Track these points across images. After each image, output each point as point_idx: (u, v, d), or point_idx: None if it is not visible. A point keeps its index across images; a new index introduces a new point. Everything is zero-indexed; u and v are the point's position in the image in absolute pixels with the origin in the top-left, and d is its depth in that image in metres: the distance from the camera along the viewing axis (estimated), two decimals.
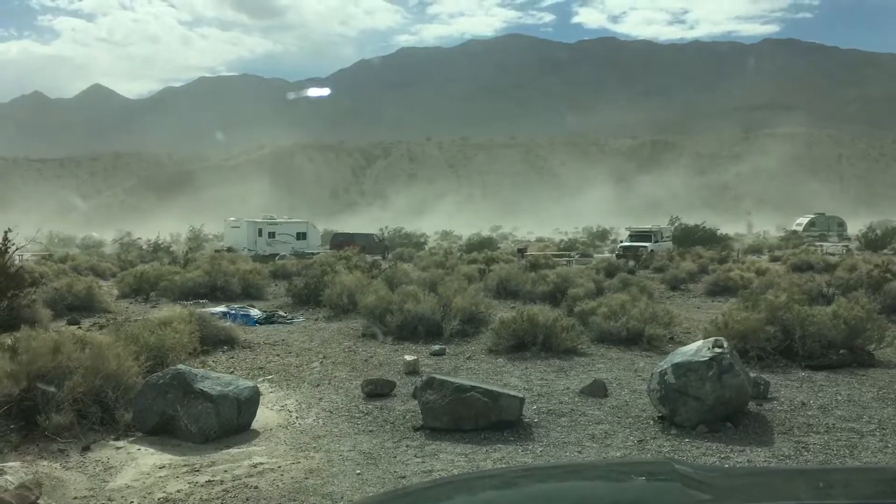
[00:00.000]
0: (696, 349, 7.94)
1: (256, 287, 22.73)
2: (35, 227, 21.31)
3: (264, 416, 8.23)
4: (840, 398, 8.82)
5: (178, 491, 6.01)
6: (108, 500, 5.89)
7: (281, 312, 17.89)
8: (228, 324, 13.87)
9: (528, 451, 6.95)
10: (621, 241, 47.47)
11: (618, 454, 6.84)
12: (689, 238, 48.39)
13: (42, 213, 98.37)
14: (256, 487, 6.06)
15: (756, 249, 52.50)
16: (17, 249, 14.06)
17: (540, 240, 70.17)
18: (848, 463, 6.51)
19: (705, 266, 29.62)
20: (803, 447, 6.92)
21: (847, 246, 52.78)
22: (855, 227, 66.00)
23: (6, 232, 13.74)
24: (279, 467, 6.51)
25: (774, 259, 38.74)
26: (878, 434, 7.36)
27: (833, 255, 39.03)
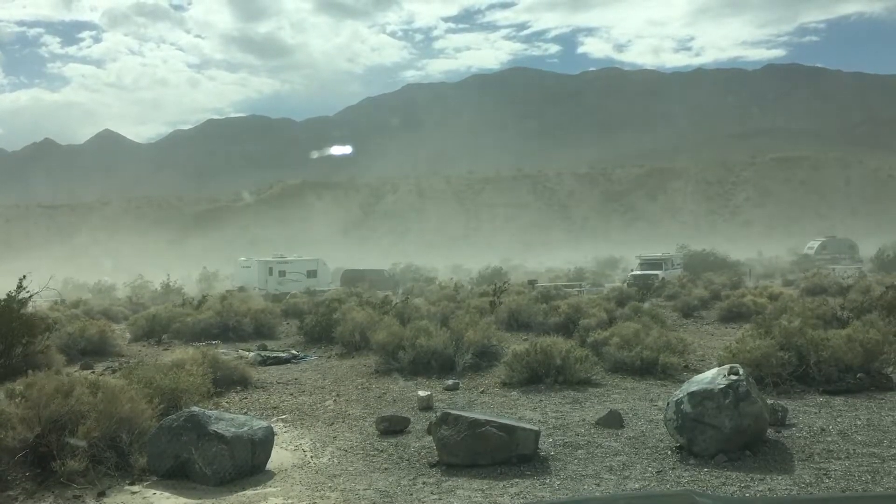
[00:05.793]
0: (711, 377, 7.88)
1: (268, 326, 22.74)
2: (48, 273, 21.41)
3: (279, 457, 8.19)
4: (860, 423, 8.71)
5: None
6: None
7: (293, 351, 17.88)
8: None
9: (546, 485, 6.88)
10: (632, 270, 47.30)
11: (636, 486, 6.77)
12: (700, 264, 48.19)
13: (54, 258, 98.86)
14: None
15: (768, 274, 52.26)
16: (31, 296, 14.13)
17: (550, 270, 69.90)
18: (870, 489, 6.41)
19: (717, 292, 29.47)
20: (824, 474, 6.83)
21: (860, 268, 52.45)
22: (866, 250, 65.63)
23: (22, 279, 13.83)
24: None
25: (787, 283, 38.54)
26: None
27: (846, 277, 38.77)
